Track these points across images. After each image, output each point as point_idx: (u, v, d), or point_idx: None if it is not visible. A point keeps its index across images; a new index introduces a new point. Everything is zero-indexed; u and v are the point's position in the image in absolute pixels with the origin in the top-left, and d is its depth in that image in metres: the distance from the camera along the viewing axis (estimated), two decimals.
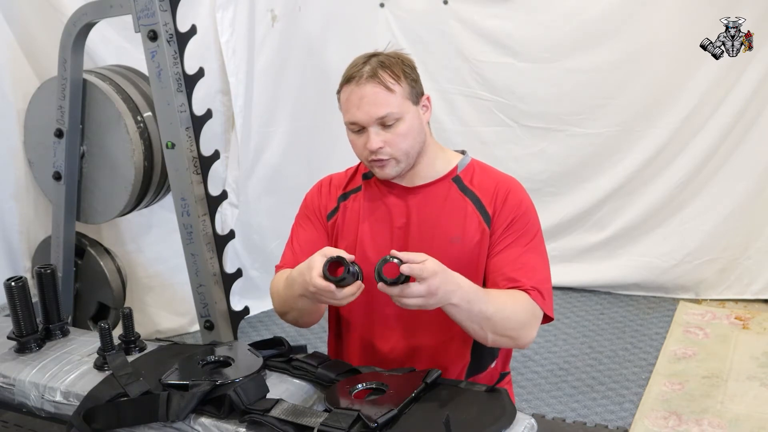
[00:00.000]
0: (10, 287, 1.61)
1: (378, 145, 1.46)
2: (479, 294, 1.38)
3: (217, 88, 3.14)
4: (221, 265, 2.57)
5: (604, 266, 3.69)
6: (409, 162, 1.51)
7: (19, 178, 2.84)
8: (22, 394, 1.51)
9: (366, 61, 1.48)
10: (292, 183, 3.42)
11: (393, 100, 1.46)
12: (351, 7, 3.59)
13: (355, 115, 1.47)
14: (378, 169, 1.52)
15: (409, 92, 1.48)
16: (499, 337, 1.43)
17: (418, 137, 1.50)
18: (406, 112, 1.47)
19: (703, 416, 2.54)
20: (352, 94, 1.47)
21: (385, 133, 1.47)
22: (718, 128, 3.36)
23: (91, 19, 2.49)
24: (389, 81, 1.46)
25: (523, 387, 2.82)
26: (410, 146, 1.49)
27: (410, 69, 1.50)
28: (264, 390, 1.35)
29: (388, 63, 1.48)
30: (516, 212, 1.51)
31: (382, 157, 1.48)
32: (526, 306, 1.44)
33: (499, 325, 1.41)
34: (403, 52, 1.54)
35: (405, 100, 1.47)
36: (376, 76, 1.45)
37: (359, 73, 1.47)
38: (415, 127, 1.49)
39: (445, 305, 1.35)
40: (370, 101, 1.45)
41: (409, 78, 1.49)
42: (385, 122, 1.46)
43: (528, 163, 3.67)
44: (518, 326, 1.43)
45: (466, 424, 1.23)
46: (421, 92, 1.52)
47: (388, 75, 1.46)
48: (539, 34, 3.51)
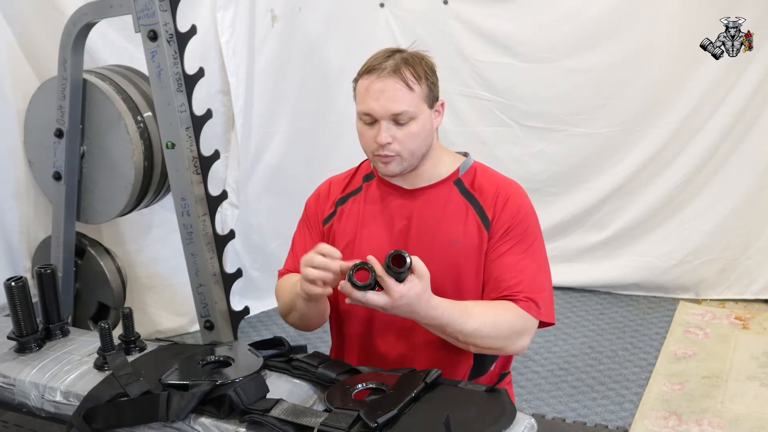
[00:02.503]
0: (10, 287, 1.61)
1: (387, 140, 1.46)
2: (454, 315, 1.39)
3: (217, 88, 3.14)
4: (221, 265, 2.57)
5: (604, 266, 3.69)
6: (413, 162, 1.51)
7: (19, 178, 2.84)
8: (22, 394, 1.51)
9: (390, 55, 1.48)
10: (292, 183, 3.42)
11: (411, 98, 1.45)
12: (351, 7, 3.59)
13: (370, 106, 1.46)
14: (382, 165, 1.51)
15: (427, 94, 1.48)
16: (482, 349, 1.45)
17: (426, 140, 1.50)
18: (420, 113, 1.47)
19: (703, 416, 2.54)
20: (372, 84, 1.46)
21: (396, 130, 1.46)
22: (718, 128, 3.36)
23: (91, 19, 2.49)
24: (411, 79, 1.45)
25: (523, 387, 2.82)
26: (417, 147, 1.49)
27: (431, 72, 1.50)
28: (264, 390, 1.35)
29: (412, 61, 1.47)
30: (515, 218, 1.50)
31: (389, 153, 1.48)
32: (514, 320, 1.44)
33: (479, 342, 1.42)
34: (428, 54, 1.54)
35: (422, 101, 1.47)
36: (399, 72, 1.45)
37: (382, 66, 1.46)
38: (426, 130, 1.49)
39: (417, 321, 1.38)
40: (389, 96, 1.45)
41: (429, 80, 1.49)
42: (399, 119, 1.46)
43: (528, 163, 3.68)
44: (501, 341, 1.44)
45: (466, 424, 1.23)
46: (437, 97, 1.52)
47: (410, 73, 1.45)
48: (539, 34, 3.51)
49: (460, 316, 1.40)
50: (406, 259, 1.29)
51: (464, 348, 1.45)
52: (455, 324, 1.39)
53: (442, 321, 1.38)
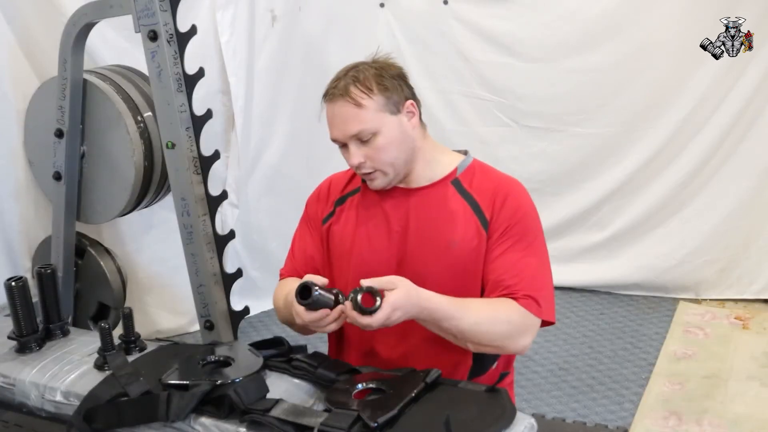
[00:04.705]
0: (10, 287, 1.61)
1: (358, 160, 1.47)
2: (451, 309, 1.39)
3: (217, 88, 3.13)
4: (221, 265, 2.57)
5: (604, 266, 3.69)
6: (398, 171, 1.51)
7: (19, 178, 2.84)
8: (22, 394, 1.51)
9: (343, 76, 1.47)
10: (292, 183, 3.42)
11: (364, 115, 1.44)
12: (351, 7, 3.59)
13: (332, 132, 1.49)
14: (368, 181, 1.53)
15: (384, 104, 1.46)
16: (481, 347, 1.44)
17: (402, 146, 1.49)
18: (382, 125, 1.45)
19: (703, 416, 2.53)
20: (327, 111, 1.48)
21: (365, 148, 1.47)
22: (718, 128, 3.36)
23: (91, 19, 2.49)
24: (359, 96, 1.44)
25: (523, 387, 2.82)
26: (394, 157, 1.48)
27: (389, 78, 1.47)
28: (264, 390, 1.35)
29: (363, 77, 1.45)
30: (514, 216, 1.49)
31: (366, 171, 1.49)
32: (513, 317, 1.43)
33: (476, 338, 1.41)
34: (391, 58, 1.52)
35: (378, 112, 1.45)
36: (347, 94, 1.44)
37: (333, 90, 1.46)
38: (396, 138, 1.47)
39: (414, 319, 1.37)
40: (341, 119, 1.46)
41: (383, 89, 1.45)
42: (360, 138, 1.45)
43: (528, 163, 3.67)
44: (500, 338, 1.43)
45: (466, 424, 1.23)
46: (404, 98, 1.49)
47: (359, 90, 1.44)
48: (539, 34, 3.51)
49: (458, 310, 1.39)
50: (375, 300, 1.30)
51: (463, 346, 1.44)
52: (452, 317, 1.38)
53: (439, 314, 1.37)
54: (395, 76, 1.49)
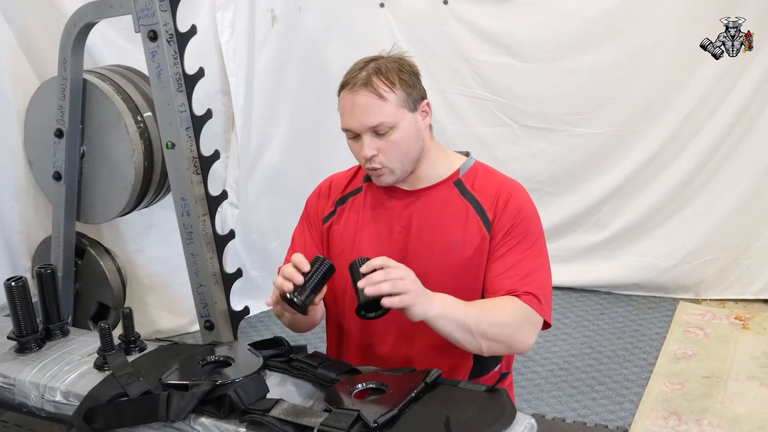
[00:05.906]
0: (10, 287, 1.61)
1: (371, 153, 1.46)
2: (457, 302, 1.39)
3: (217, 88, 3.14)
4: (221, 265, 2.57)
5: (604, 266, 3.69)
6: (405, 169, 1.51)
7: (19, 178, 2.84)
8: (22, 394, 1.51)
9: (363, 67, 1.46)
10: (292, 183, 3.42)
11: (386, 108, 1.44)
12: (351, 7, 3.59)
13: (348, 122, 1.47)
14: (375, 177, 1.52)
15: (405, 99, 1.46)
16: (492, 342, 1.42)
17: (414, 144, 1.49)
18: (400, 120, 1.45)
19: (703, 416, 2.54)
20: (346, 100, 1.46)
21: (379, 141, 1.46)
22: (718, 128, 3.36)
23: (91, 19, 2.49)
24: (382, 89, 1.43)
25: (523, 387, 2.82)
26: (405, 154, 1.48)
27: (408, 75, 1.47)
28: (264, 390, 1.35)
29: (385, 69, 1.45)
30: (516, 218, 1.49)
31: (376, 165, 1.48)
32: (516, 311, 1.43)
33: (487, 331, 1.40)
34: (407, 55, 1.52)
35: (399, 108, 1.45)
36: (370, 84, 1.43)
37: (354, 79, 1.45)
38: (411, 135, 1.48)
39: (427, 318, 1.35)
40: (362, 110, 1.44)
41: (405, 84, 1.46)
42: (378, 131, 1.45)
43: (528, 163, 3.68)
44: (508, 329, 1.42)
45: (466, 424, 1.23)
46: (420, 97, 1.50)
47: (382, 82, 1.44)
48: (539, 34, 3.51)
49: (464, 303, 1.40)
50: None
51: (475, 347, 1.42)
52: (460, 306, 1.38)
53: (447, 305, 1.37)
54: (413, 73, 1.50)
